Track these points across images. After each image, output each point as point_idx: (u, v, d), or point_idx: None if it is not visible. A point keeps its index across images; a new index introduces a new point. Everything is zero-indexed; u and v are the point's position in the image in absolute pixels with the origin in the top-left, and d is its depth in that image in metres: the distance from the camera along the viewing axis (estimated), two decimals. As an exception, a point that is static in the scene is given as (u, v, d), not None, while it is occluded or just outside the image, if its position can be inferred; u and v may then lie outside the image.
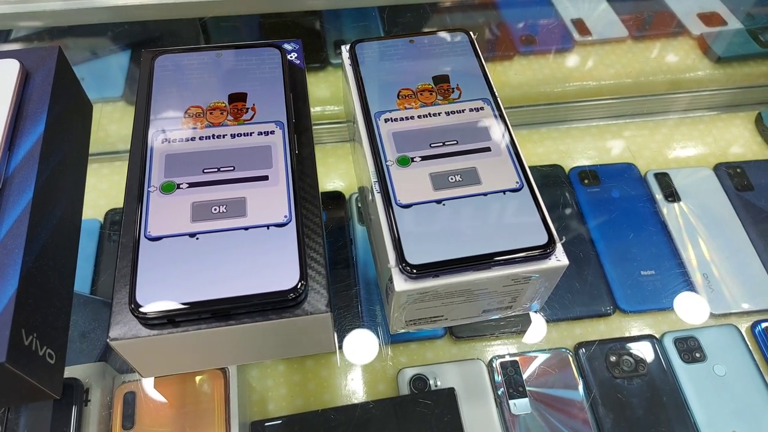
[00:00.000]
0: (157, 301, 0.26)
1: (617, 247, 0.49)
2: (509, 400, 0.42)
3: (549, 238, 0.28)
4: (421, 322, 0.31)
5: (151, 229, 0.28)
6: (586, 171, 0.54)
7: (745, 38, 0.65)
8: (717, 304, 0.46)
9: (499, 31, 0.65)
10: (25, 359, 0.27)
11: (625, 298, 0.47)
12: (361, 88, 0.34)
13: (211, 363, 0.32)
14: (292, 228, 0.29)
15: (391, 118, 0.33)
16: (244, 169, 0.31)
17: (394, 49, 0.36)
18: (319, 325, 0.28)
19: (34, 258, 0.29)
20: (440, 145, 0.32)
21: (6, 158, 0.30)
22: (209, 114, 0.33)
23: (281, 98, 0.34)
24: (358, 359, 0.44)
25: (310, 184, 0.32)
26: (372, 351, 0.44)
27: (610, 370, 0.43)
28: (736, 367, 0.43)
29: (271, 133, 0.32)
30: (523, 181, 0.30)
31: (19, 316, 0.27)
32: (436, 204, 0.29)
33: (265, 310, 0.27)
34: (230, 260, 0.28)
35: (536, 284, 0.29)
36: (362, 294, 0.45)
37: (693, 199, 0.52)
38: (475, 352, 0.44)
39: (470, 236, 0.28)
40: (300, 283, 0.27)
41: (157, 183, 0.30)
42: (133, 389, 0.39)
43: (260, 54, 0.35)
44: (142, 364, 0.28)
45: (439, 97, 0.34)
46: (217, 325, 0.27)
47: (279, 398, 0.42)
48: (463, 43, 0.36)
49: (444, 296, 0.29)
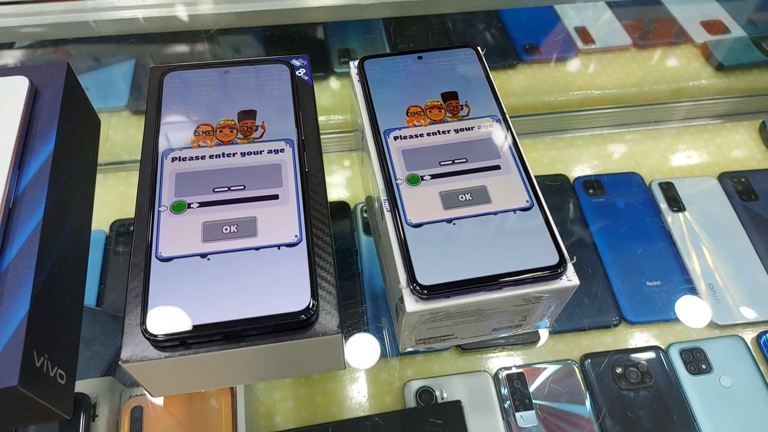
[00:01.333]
0: (169, 323, 0.26)
1: (622, 258, 0.49)
2: (516, 413, 0.42)
3: (560, 258, 0.28)
4: (431, 341, 0.31)
5: (162, 249, 0.28)
6: (590, 180, 0.54)
7: (748, 46, 0.65)
8: (722, 315, 0.46)
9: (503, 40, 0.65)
10: (36, 381, 0.26)
11: (631, 309, 0.47)
12: (370, 105, 0.34)
13: (222, 383, 0.32)
14: (303, 248, 0.29)
15: (400, 135, 0.33)
16: (255, 188, 0.31)
17: (403, 66, 0.36)
18: (329, 346, 0.28)
19: (44, 278, 0.29)
20: (450, 163, 0.32)
21: (16, 177, 0.30)
22: (219, 132, 0.33)
23: (290, 115, 0.34)
24: (364, 372, 0.44)
25: (320, 203, 0.32)
26: (378, 364, 0.44)
27: (617, 381, 0.43)
28: (742, 378, 0.43)
29: (281, 151, 0.32)
30: (534, 200, 0.30)
31: (31, 337, 0.27)
32: (446, 223, 0.29)
33: (276, 331, 0.27)
34: (241, 281, 0.28)
35: (547, 303, 0.29)
36: (369, 306, 0.45)
37: (698, 209, 0.52)
38: (482, 364, 0.45)
39: (481, 256, 0.28)
40: (311, 304, 0.27)
41: (168, 203, 0.30)
42: (141, 404, 0.39)
43: (269, 71, 0.35)
44: (153, 384, 0.28)
45: (448, 114, 0.34)
46: (228, 346, 0.27)
47: (286, 411, 0.42)
48: (471, 59, 0.36)
49: (455, 316, 0.29)
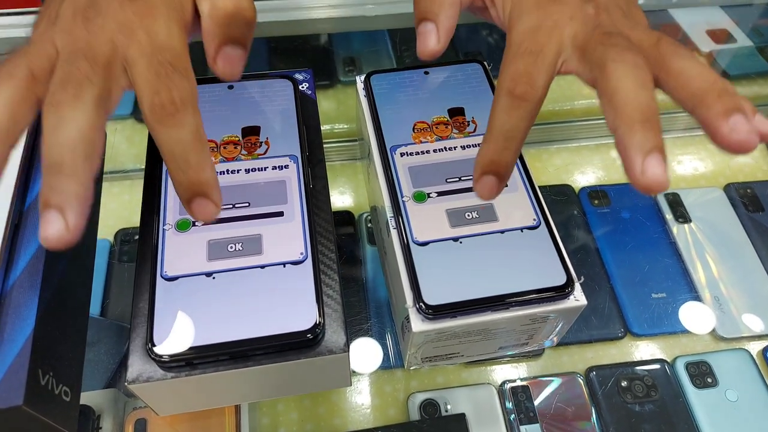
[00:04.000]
0: (175, 343, 0.26)
1: (628, 269, 0.49)
2: (520, 426, 0.42)
3: (568, 277, 0.28)
4: (437, 359, 0.31)
5: (167, 268, 0.28)
6: (596, 191, 0.54)
7: (754, 56, 0.64)
8: (728, 328, 0.46)
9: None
10: (41, 400, 0.26)
11: (636, 322, 0.47)
12: (376, 121, 0.34)
13: (228, 401, 0.32)
14: (309, 265, 0.29)
15: (406, 152, 0.33)
16: (259, 205, 0.31)
17: (409, 81, 0.36)
18: (336, 364, 0.28)
19: (50, 296, 0.29)
20: (456, 180, 0.32)
21: (22, 194, 0.30)
22: (223, 148, 0.33)
23: (294, 131, 0.33)
24: (368, 384, 0.44)
25: (325, 219, 0.32)
26: (382, 376, 0.44)
27: (622, 395, 0.43)
28: (748, 392, 0.43)
29: (285, 167, 0.32)
30: (541, 218, 0.30)
31: (36, 356, 0.27)
32: (453, 242, 0.29)
33: (282, 350, 0.27)
34: (247, 300, 0.27)
35: (554, 323, 0.29)
36: (373, 318, 0.45)
37: (703, 220, 0.52)
38: (486, 376, 0.44)
39: (488, 275, 0.28)
40: (318, 322, 0.27)
41: (173, 221, 0.30)
42: (144, 416, 0.39)
43: (272, 86, 0.35)
44: (159, 404, 0.28)
45: (454, 130, 0.34)
46: (235, 366, 0.27)
47: (289, 423, 0.42)
48: (478, 74, 0.36)
49: (461, 335, 0.29)
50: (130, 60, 0.24)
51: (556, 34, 0.25)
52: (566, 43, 0.25)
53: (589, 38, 0.24)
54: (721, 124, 0.21)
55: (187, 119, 0.23)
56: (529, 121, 0.24)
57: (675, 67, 0.23)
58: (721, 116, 0.21)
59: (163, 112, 0.22)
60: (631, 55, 0.23)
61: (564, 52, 0.25)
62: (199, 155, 0.23)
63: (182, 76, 0.23)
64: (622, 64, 0.23)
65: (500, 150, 0.24)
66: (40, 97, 0.23)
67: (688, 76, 0.23)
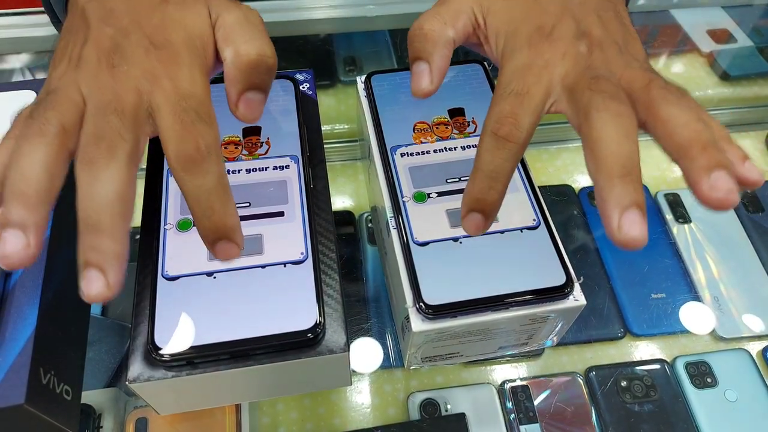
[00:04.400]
0: (176, 343, 0.26)
1: (627, 269, 0.49)
2: (520, 426, 0.42)
3: (567, 278, 0.28)
4: (437, 359, 0.31)
5: (168, 268, 0.28)
6: (596, 191, 0.54)
7: (755, 56, 0.64)
8: (728, 328, 0.46)
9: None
10: (43, 399, 0.27)
11: (636, 322, 0.47)
12: (377, 121, 0.34)
13: (229, 400, 0.32)
14: (309, 265, 0.29)
15: (407, 152, 0.33)
16: (260, 205, 0.31)
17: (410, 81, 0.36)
18: (336, 364, 0.28)
19: (51, 295, 0.29)
20: (456, 180, 0.32)
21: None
22: (224, 149, 0.33)
23: (295, 131, 0.34)
24: (368, 383, 0.44)
25: (326, 219, 0.32)
26: (382, 375, 0.44)
27: (621, 394, 0.43)
28: (747, 392, 0.43)
29: (286, 167, 0.32)
30: (540, 218, 0.30)
31: (38, 355, 0.27)
32: (452, 242, 0.29)
33: (283, 350, 0.27)
34: (248, 299, 0.28)
35: (553, 323, 0.29)
36: (373, 318, 0.45)
37: (703, 221, 0.52)
38: (486, 376, 0.44)
39: (487, 276, 0.28)
40: (318, 322, 0.27)
41: (174, 220, 0.30)
42: (145, 415, 0.39)
43: (273, 86, 0.35)
44: (160, 403, 0.28)
45: (455, 130, 0.34)
46: (235, 366, 0.27)
47: (289, 422, 0.42)
48: (479, 75, 0.36)
49: (461, 335, 0.29)
50: (154, 107, 0.24)
51: (546, 74, 0.25)
52: (556, 83, 0.25)
53: (579, 80, 0.24)
54: (702, 180, 0.21)
55: (212, 167, 0.23)
56: (514, 161, 0.24)
57: (663, 114, 0.23)
58: (703, 171, 0.21)
59: (189, 161, 0.23)
60: (615, 104, 0.23)
61: (554, 92, 0.25)
62: (224, 201, 0.23)
63: (206, 124, 0.24)
64: (606, 113, 0.22)
65: (486, 189, 0.24)
66: (71, 150, 0.23)
67: (674, 125, 0.22)
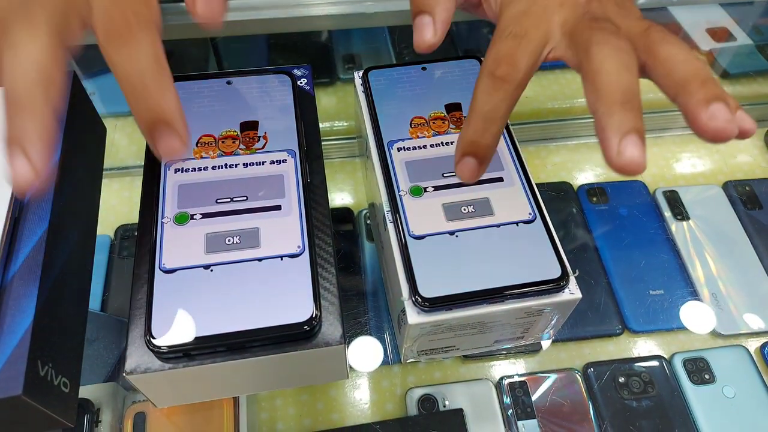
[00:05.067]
0: (173, 335, 0.26)
1: (626, 266, 0.49)
2: (518, 421, 0.42)
3: (562, 271, 0.28)
4: (433, 352, 0.31)
5: (165, 261, 0.28)
6: (594, 188, 0.54)
7: (754, 54, 0.65)
8: (726, 325, 0.46)
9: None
10: (41, 391, 0.27)
11: (634, 318, 0.47)
12: (374, 116, 0.34)
13: (226, 393, 0.32)
14: (305, 259, 0.29)
15: (404, 147, 0.33)
16: (257, 198, 0.31)
17: (407, 77, 0.36)
18: (333, 356, 0.28)
19: (49, 287, 0.29)
20: (453, 174, 0.32)
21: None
22: (221, 143, 0.33)
23: (292, 126, 0.34)
24: (366, 379, 0.44)
25: (322, 213, 0.32)
26: (380, 371, 0.44)
27: (619, 391, 0.43)
28: (745, 388, 0.43)
29: (283, 161, 0.32)
30: (536, 212, 0.30)
31: (35, 347, 0.27)
32: (449, 235, 0.30)
33: (279, 342, 0.27)
34: (244, 292, 0.28)
35: (549, 316, 0.29)
36: (371, 314, 0.46)
37: (702, 218, 0.52)
38: (484, 372, 0.45)
39: (483, 269, 0.28)
40: (314, 315, 0.27)
41: (171, 214, 0.30)
42: (144, 410, 0.40)
43: (271, 81, 0.36)
44: (157, 395, 0.29)
45: (451, 125, 0.34)
46: (232, 357, 0.27)
47: (287, 418, 0.42)
48: (475, 71, 0.36)
49: (457, 328, 0.29)
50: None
51: (544, 19, 0.25)
52: (555, 30, 0.25)
53: (578, 24, 0.24)
54: (701, 111, 0.21)
55: (144, 40, 0.21)
56: (510, 102, 0.24)
57: (662, 53, 0.23)
58: (702, 104, 0.21)
59: (116, 35, 0.21)
60: (615, 38, 0.23)
61: (552, 39, 0.25)
62: (160, 82, 0.21)
63: (140, 2, 0.21)
64: (606, 47, 0.23)
65: (480, 131, 0.24)
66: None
67: (674, 62, 0.23)
